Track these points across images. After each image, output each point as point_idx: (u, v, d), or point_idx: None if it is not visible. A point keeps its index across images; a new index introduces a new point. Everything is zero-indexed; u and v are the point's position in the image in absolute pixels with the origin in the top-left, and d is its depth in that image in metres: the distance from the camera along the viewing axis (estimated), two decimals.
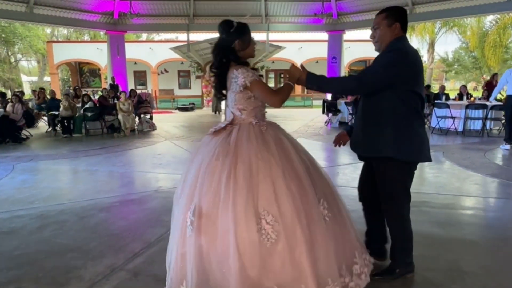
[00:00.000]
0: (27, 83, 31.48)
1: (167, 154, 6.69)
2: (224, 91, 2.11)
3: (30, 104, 11.86)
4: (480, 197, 4.14)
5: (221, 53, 2.04)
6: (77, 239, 3.05)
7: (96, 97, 12.26)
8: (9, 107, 8.42)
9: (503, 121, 8.57)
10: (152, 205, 3.89)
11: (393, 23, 2.07)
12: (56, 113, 9.30)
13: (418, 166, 2.24)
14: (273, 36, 16.47)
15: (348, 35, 14.75)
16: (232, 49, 2.02)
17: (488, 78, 21.95)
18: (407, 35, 2.46)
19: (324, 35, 14.51)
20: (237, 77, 1.96)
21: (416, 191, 4.36)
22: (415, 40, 19.46)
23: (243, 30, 2.04)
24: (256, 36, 16.13)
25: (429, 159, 2.19)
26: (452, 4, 11.62)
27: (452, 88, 25.20)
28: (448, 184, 4.65)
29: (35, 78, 32.96)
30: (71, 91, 11.41)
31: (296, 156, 1.95)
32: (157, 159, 6.33)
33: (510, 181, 4.60)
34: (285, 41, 18.99)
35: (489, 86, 10.32)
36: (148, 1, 13.47)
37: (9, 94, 24.56)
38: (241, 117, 2.03)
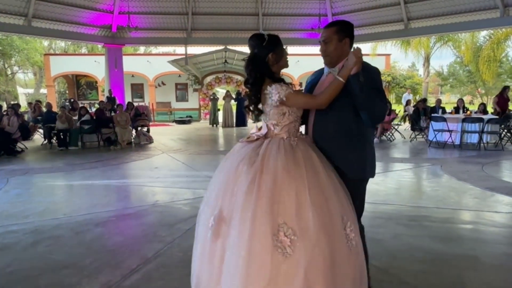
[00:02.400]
0: (24, 95, 31.43)
1: (164, 168, 6.64)
2: (260, 106, 2.06)
3: (25, 117, 11.83)
4: (480, 211, 4.12)
5: (255, 68, 1.98)
6: (72, 255, 2.98)
7: (93, 109, 12.24)
8: (4, 120, 8.36)
9: (499, 135, 8.66)
10: (149, 220, 3.83)
11: (343, 38, 2.03)
12: (52, 125, 9.24)
13: (416, 179, 2.31)
14: None
15: None
16: (266, 63, 1.98)
17: (483, 91, 22.35)
18: (403, 49, 2.51)
19: None
20: (271, 93, 1.94)
21: (415, 205, 4.37)
22: (411, 54, 19.84)
23: (275, 42, 2.00)
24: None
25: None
26: (446, 20, 11.83)
27: (448, 101, 25.53)
28: (447, 198, 4.63)
29: (31, 90, 32.94)
30: (67, 103, 11.37)
31: (325, 174, 1.88)
32: (154, 172, 6.28)
33: (508, 195, 4.58)
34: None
35: (501, 100, 10.07)
36: (146, 15, 13.60)
37: (5, 107, 24.55)
38: (274, 131, 2.02)
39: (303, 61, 21.74)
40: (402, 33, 13.12)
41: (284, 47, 2.07)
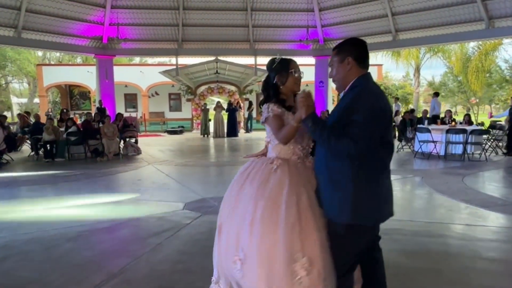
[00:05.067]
0: (17, 105, 31.40)
1: (147, 180, 6.65)
2: None
3: (15, 128, 11.82)
4: (451, 224, 4.17)
5: (265, 88, 2.18)
6: (38, 271, 2.98)
7: (83, 119, 12.24)
8: None
9: (483, 145, 8.76)
10: (122, 234, 3.84)
11: (344, 58, 1.87)
12: (39, 137, 9.24)
13: (395, 191, 2.27)
14: (263, 60, 16.80)
15: None
16: (274, 85, 2.13)
17: (476, 101, 22.55)
18: (394, 60, 2.45)
19: (313, 60, 14.85)
20: (263, 111, 2.13)
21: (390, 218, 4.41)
22: (401, 65, 20.14)
23: (282, 65, 2.13)
24: (245, 61, 16.52)
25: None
26: (433, 31, 12.06)
27: (443, 110, 25.74)
28: (422, 211, 4.68)
29: (25, 100, 32.92)
30: (50, 113, 11.38)
31: (288, 206, 1.89)
32: (136, 185, 6.29)
33: (482, 208, 4.64)
34: None
35: None
36: (138, 26, 13.73)
37: None
38: (269, 149, 2.18)
39: None
40: (390, 44, 13.36)
41: (293, 71, 2.12)
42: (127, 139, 10.32)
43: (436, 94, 12.73)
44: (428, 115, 11.37)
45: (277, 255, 1.78)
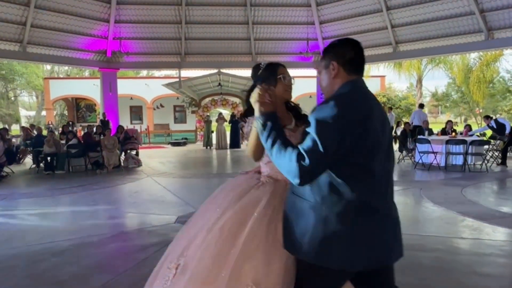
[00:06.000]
0: (25, 118, 31.96)
1: (144, 192, 6.64)
2: None
3: (18, 140, 11.98)
4: (447, 237, 4.06)
5: (248, 99, 1.76)
6: (19, 287, 2.96)
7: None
8: None
9: (484, 156, 8.63)
10: (109, 249, 3.81)
11: (329, 63, 1.54)
12: (41, 149, 9.34)
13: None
14: None
15: None
16: None
17: (480, 111, 22.37)
18: (396, 71, 1.88)
19: (315, 72, 14.92)
20: (245, 127, 1.87)
21: None
22: (403, 76, 20.15)
23: (268, 71, 1.82)
24: (247, 73, 16.64)
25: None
26: (433, 43, 12.04)
27: (443, 121, 25.64)
28: (418, 223, 4.58)
29: (33, 113, 33.49)
30: (50, 126, 11.53)
31: (253, 229, 1.64)
32: (132, 197, 6.28)
33: (479, 220, 4.53)
34: None
35: None
36: (141, 40, 13.96)
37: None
38: (261, 166, 1.90)
39: (298, 82, 21.99)
40: (391, 56, 13.36)
41: (282, 76, 1.81)
42: (128, 151, 10.37)
43: (421, 106, 12.98)
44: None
45: (220, 275, 1.54)
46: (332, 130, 1.37)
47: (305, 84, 21.55)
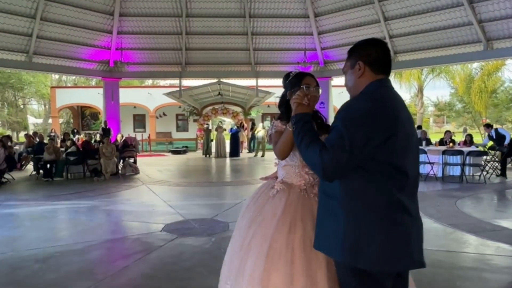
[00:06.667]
0: (33, 125, 32.45)
1: (135, 200, 6.68)
2: None
3: (21, 147, 12.17)
4: (432, 249, 4.01)
5: (280, 105, 2.02)
6: None
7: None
8: None
9: (481, 167, 8.55)
10: (92, 256, 3.83)
11: (355, 63, 1.55)
12: (41, 156, 9.46)
13: None
14: (266, 82, 17.03)
15: (341, 80, 15.26)
16: (287, 101, 1.92)
17: (488, 121, 22.16)
18: (396, 81, 1.95)
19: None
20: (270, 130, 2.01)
21: None
22: (404, 86, 20.14)
23: (295, 80, 1.93)
24: (247, 82, 16.78)
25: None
26: (431, 53, 12.08)
27: (453, 131, 25.36)
28: None
29: (40, 121, 33.99)
30: (52, 133, 11.70)
31: (275, 236, 1.73)
32: (124, 205, 6.32)
33: (468, 233, 4.48)
34: (278, 86, 19.56)
35: None
36: (143, 50, 14.21)
37: (14, 137, 25.36)
38: (278, 170, 2.01)
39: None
40: None
41: (306, 86, 1.85)
42: (126, 159, 10.46)
43: (419, 127, 13.02)
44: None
45: None
46: (359, 126, 1.38)
47: None
